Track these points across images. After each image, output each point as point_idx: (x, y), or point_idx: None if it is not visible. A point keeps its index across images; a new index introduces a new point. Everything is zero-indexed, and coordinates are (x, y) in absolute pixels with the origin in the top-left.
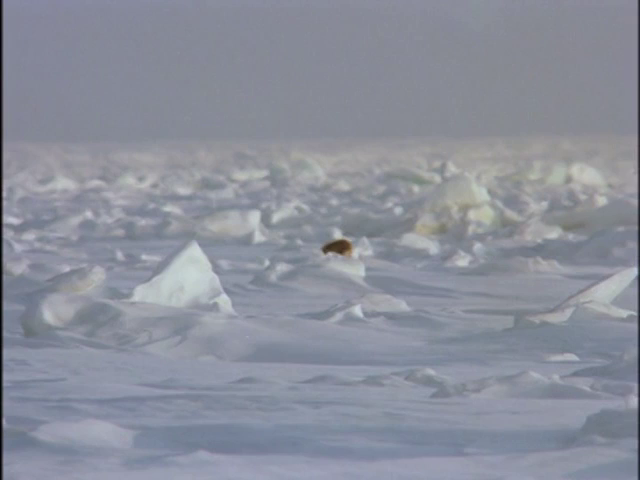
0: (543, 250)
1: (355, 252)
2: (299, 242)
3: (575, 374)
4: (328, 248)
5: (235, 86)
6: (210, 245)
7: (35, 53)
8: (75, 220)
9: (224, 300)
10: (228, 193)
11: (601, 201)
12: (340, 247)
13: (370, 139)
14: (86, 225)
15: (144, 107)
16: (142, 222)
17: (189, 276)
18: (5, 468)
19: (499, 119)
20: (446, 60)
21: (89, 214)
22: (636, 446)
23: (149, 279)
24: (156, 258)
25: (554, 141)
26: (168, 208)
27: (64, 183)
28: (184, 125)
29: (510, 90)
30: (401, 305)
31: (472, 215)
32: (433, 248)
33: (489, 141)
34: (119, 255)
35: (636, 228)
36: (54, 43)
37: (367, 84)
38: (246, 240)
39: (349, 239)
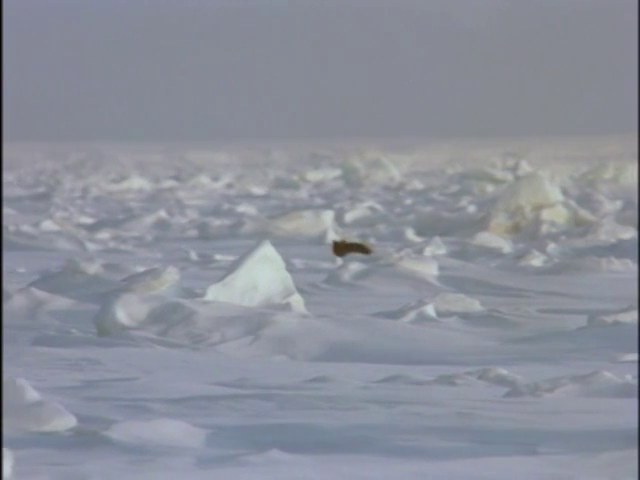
0: (616, 249)
1: (428, 251)
2: (372, 241)
3: None
4: (344, 248)
5: (310, 86)
6: (284, 244)
7: (108, 54)
8: (149, 220)
9: (297, 299)
10: (302, 193)
11: None
12: (360, 250)
13: (444, 139)
14: (160, 225)
15: (219, 107)
16: (216, 222)
17: (262, 275)
18: (76, 467)
19: (573, 118)
20: (521, 60)
21: (163, 214)
22: None
23: (222, 278)
24: (230, 258)
25: (628, 140)
26: (242, 208)
27: (139, 183)
28: (259, 125)
29: (585, 89)
30: (474, 304)
31: (546, 214)
32: (506, 247)
33: (563, 140)
34: (193, 255)
35: None
36: (128, 43)
37: (442, 84)
38: (319, 239)
39: (369, 244)
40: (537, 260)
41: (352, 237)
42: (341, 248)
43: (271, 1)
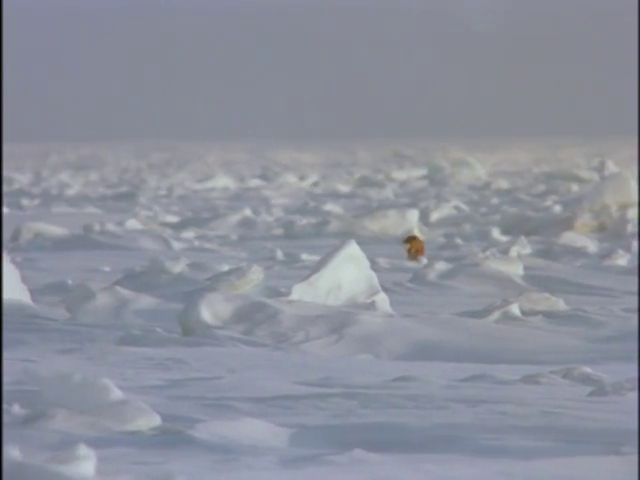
0: None
1: (514, 250)
2: (458, 241)
3: None
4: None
5: (394, 85)
6: (369, 243)
7: (192, 53)
8: (235, 218)
9: (382, 298)
10: (387, 192)
11: None
12: (416, 246)
13: (529, 138)
14: (246, 224)
15: (302, 107)
16: (302, 221)
17: (347, 274)
18: (160, 467)
19: None
20: (610, 58)
21: (249, 212)
22: None
23: (307, 277)
24: (315, 257)
25: None
26: (328, 207)
27: (224, 181)
28: (343, 124)
29: None
30: (559, 304)
31: (631, 214)
32: (592, 247)
33: None
34: (278, 254)
35: None
36: (212, 42)
37: (529, 84)
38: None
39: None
40: (622, 259)
41: (437, 237)
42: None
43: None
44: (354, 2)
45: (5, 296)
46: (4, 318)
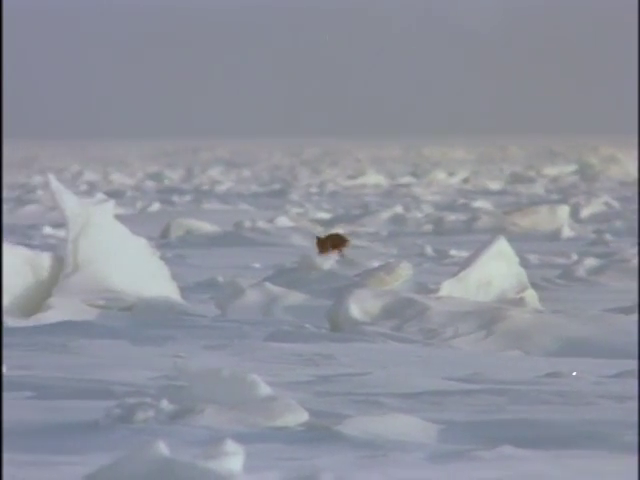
0: None
1: None
2: (608, 237)
3: None
4: (324, 242)
5: (547, 82)
6: (518, 240)
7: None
8: (385, 215)
9: (531, 294)
10: (538, 188)
11: None
12: (335, 241)
13: None
14: (396, 220)
15: (454, 103)
16: (451, 217)
17: (497, 270)
18: (307, 462)
19: None
20: None
21: (399, 209)
22: None
23: (456, 274)
24: (465, 253)
25: None
26: (478, 203)
27: (375, 178)
28: (495, 120)
29: None
30: None
31: None
32: None
33: None
34: (428, 250)
35: None
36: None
37: None
38: (555, 235)
39: (346, 234)
40: None
41: (587, 233)
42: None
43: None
44: None
45: (155, 293)
46: (154, 315)
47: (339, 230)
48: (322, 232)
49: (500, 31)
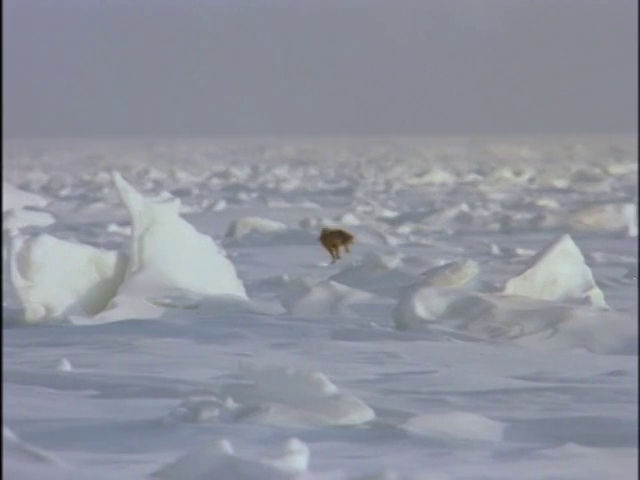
0: None
1: None
2: None
3: None
4: (329, 236)
5: (615, 81)
6: (584, 238)
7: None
8: (451, 213)
9: (597, 293)
10: (604, 186)
11: None
12: (342, 238)
13: None
14: (462, 218)
15: (522, 101)
16: (518, 216)
17: (562, 269)
18: (372, 460)
19: None
20: None
21: (465, 207)
22: None
23: (522, 272)
24: (531, 252)
25: None
26: (544, 202)
27: (441, 176)
28: (561, 118)
29: None
30: None
31: None
32: None
33: None
34: (494, 248)
35: None
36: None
37: None
38: (621, 233)
39: (350, 231)
40: None
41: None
42: (327, 237)
43: None
44: None
45: (220, 291)
46: (220, 313)
47: (405, 228)
48: (328, 228)
49: (572, 29)
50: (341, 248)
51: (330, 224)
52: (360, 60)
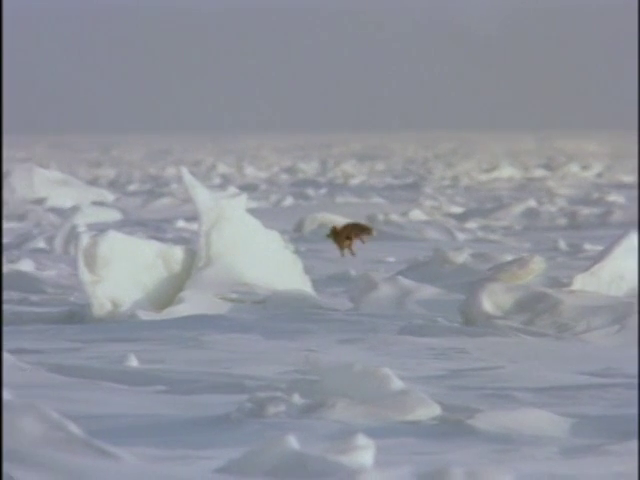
0: None
1: None
2: None
3: None
4: (340, 233)
5: None
6: None
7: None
8: (518, 209)
9: None
10: None
11: None
12: (355, 231)
13: None
14: (530, 214)
15: (587, 97)
16: (585, 211)
17: (629, 265)
18: (439, 456)
19: None
20: None
21: (533, 203)
22: None
23: (589, 268)
24: (599, 247)
25: None
26: (612, 197)
27: (509, 172)
28: (630, 114)
29: None
30: None
31: None
32: None
33: None
34: (562, 244)
35: None
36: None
37: None
38: None
39: (367, 224)
40: None
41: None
42: (339, 234)
43: None
44: None
45: (288, 286)
46: (287, 308)
47: (472, 224)
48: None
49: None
50: (356, 241)
51: (339, 222)
52: (430, 56)
